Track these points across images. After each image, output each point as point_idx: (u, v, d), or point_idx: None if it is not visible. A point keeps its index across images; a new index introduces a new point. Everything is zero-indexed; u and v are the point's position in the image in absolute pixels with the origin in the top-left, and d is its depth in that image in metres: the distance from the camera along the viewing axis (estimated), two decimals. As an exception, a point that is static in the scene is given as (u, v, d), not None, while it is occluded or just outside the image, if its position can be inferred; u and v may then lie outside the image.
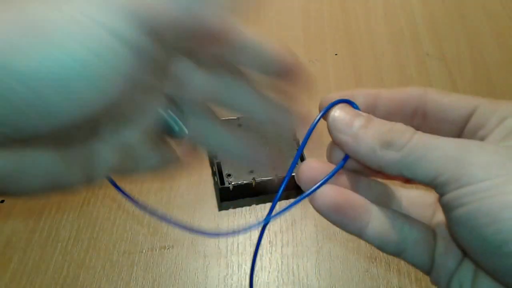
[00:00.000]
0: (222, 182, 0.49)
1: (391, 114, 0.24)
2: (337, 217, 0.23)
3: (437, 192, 0.21)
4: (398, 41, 0.70)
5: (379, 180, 0.26)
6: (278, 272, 0.45)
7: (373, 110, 0.24)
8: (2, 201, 0.50)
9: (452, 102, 0.24)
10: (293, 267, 0.46)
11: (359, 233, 0.23)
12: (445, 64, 0.66)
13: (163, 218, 0.26)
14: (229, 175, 0.49)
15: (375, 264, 0.46)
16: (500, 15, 0.74)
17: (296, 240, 0.47)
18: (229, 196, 0.50)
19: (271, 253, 0.47)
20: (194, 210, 0.50)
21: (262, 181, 0.49)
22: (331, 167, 0.24)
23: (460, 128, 0.24)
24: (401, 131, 0.21)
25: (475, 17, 0.74)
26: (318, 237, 0.47)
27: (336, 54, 0.68)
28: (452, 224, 0.20)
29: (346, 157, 0.24)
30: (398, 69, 0.66)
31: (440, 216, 0.24)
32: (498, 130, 0.22)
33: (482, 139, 0.22)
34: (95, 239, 0.47)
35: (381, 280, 0.45)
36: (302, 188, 0.24)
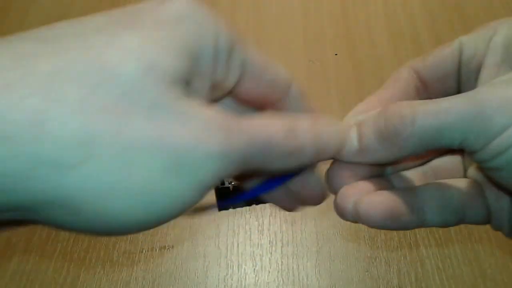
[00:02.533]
0: (222, 182, 0.49)
1: None
2: (396, 222, 0.22)
3: (467, 151, 0.20)
4: (398, 41, 0.70)
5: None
6: (278, 272, 0.45)
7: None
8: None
9: (437, 55, 0.24)
10: (293, 267, 0.46)
11: (421, 224, 0.22)
12: (445, 64, 0.66)
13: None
14: (229, 175, 0.49)
15: (375, 264, 0.46)
16: (500, 15, 0.74)
17: (296, 240, 0.47)
18: (229, 196, 0.50)
19: (271, 253, 0.47)
20: (194, 210, 0.50)
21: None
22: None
23: (457, 73, 0.24)
24: (399, 111, 0.20)
25: (475, 17, 0.74)
26: (318, 237, 0.47)
27: (336, 54, 0.68)
28: (495, 174, 0.20)
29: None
30: (398, 69, 0.66)
31: (474, 169, 0.24)
32: (490, 52, 0.22)
33: (479, 68, 0.22)
34: (95, 239, 0.47)
35: (381, 280, 0.44)
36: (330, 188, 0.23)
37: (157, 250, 0.47)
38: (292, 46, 0.70)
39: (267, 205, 0.52)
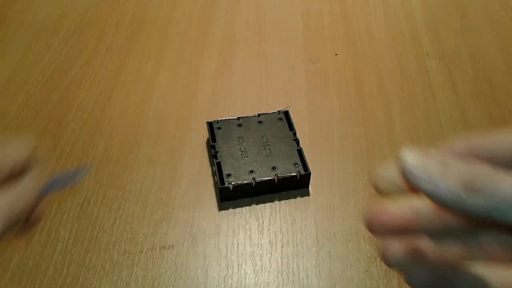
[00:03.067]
0: (222, 182, 0.49)
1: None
2: None
3: None
4: (398, 41, 0.70)
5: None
6: (278, 272, 0.45)
7: None
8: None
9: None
10: (293, 267, 0.46)
11: None
12: (445, 64, 0.66)
13: None
14: (229, 175, 0.49)
15: (375, 264, 0.46)
16: (500, 15, 0.74)
17: (296, 240, 0.47)
18: (229, 196, 0.50)
19: (271, 253, 0.47)
20: (194, 210, 0.50)
21: (262, 181, 0.49)
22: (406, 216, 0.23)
23: None
24: (487, 174, 0.20)
25: (475, 17, 0.74)
26: (318, 237, 0.47)
27: (336, 54, 0.68)
28: None
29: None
30: (398, 69, 0.66)
31: None
32: None
33: None
34: (95, 239, 0.47)
35: (381, 280, 0.45)
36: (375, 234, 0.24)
37: (157, 250, 0.47)
38: (292, 46, 0.70)
39: (267, 204, 0.52)
